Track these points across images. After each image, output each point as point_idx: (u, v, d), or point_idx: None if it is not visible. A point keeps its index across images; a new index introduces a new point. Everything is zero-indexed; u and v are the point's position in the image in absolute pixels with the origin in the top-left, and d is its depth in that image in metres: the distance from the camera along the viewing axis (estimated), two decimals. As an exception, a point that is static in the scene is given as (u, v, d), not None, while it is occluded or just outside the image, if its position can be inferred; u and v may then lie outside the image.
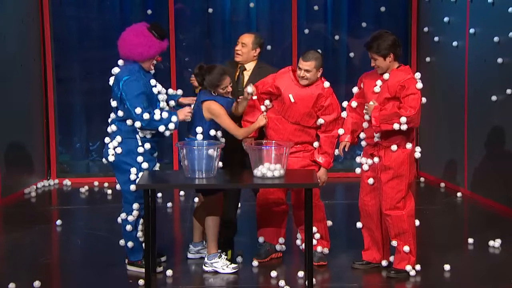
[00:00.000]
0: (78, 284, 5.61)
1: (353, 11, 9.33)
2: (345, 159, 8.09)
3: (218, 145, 5.45)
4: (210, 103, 5.63)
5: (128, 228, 5.69)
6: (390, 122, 5.39)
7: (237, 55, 6.07)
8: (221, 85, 5.66)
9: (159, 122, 5.53)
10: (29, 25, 8.61)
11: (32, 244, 6.54)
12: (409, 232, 5.58)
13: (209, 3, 9.25)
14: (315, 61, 5.67)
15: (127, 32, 5.66)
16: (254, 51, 6.06)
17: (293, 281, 5.53)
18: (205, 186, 5.51)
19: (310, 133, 5.84)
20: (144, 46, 5.59)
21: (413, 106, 5.39)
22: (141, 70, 5.63)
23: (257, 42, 6.07)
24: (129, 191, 5.64)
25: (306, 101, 5.73)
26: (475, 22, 7.95)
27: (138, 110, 5.49)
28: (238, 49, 6.06)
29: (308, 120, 5.79)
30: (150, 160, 5.69)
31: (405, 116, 5.36)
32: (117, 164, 5.64)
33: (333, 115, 5.77)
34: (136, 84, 5.55)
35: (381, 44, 5.44)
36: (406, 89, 5.42)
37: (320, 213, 5.91)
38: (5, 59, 7.95)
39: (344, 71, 9.40)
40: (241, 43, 6.06)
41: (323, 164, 5.81)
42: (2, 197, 7.88)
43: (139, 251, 5.73)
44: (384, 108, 5.43)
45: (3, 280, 5.47)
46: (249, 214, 7.08)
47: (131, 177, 5.61)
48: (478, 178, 7.98)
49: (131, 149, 5.62)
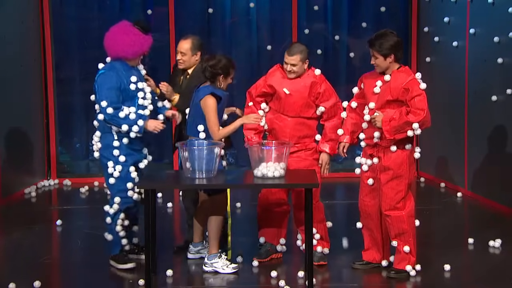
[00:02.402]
0: (78, 284, 5.62)
1: (353, 11, 9.33)
2: (345, 159, 8.08)
3: (219, 145, 5.45)
4: (207, 97, 5.64)
5: (107, 221, 5.78)
6: (403, 131, 5.39)
7: (179, 64, 6.09)
8: (232, 73, 5.71)
9: (123, 120, 5.57)
10: (29, 25, 8.62)
11: (32, 244, 6.54)
12: (409, 232, 5.58)
13: (210, 3, 9.26)
14: (300, 55, 5.71)
15: (115, 33, 5.68)
16: (195, 56, 6.05)
17: (293, 281, 5.53)
18: (205, 186, 5.52)
19: (311, 126, 5.85)
20: (137, 43, 5.64)
21: (421, 108, 5.37)
22: (122, 66, 5.67)
23: (196, 47, 6.05)
24: (110, 184, 5.73)
25: (301, 92, 5.75)
26: (475, 22, 7.95)
27: (104, 103, 5.56)
28: (179, 58, 6.07)
29: (308, 111, 5.80)
30: (129, 154, 5.71)
31: (417, 122, 5.36)
32: (99, 158, 5.77)
33: (332, 100, 5.79)
34: (110, 78, 5.61)
35: (383, 43, 5.44)
36: (411, 92, 5.40)
37: (320, 214, 5.92)
38: (5, 59, 7.95)
39: (344, 71, 9.40)
40: (180, 52, 6.05)
41: (329, 150, 5.82)
42: (3, 197, 7.89)
43: (117, 245, 5.80)
44: (393, 119, 5.41)
45: (3, 280, 5.48)
46: (250, 214, 7.08)
47: (109, 171, 5.69)
48: (478, 178, 7.98)
49: (108, 143, 5.70)
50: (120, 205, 5.73)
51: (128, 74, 5.68)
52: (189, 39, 6.07)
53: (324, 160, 5.84)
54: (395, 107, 5.46)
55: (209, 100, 5.64)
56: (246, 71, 9.19)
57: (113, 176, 5.69)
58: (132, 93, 5.67)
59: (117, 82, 5.61)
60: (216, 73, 5.68)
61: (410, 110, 5.40)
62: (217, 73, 5.68)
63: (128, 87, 5.65)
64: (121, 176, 5.71)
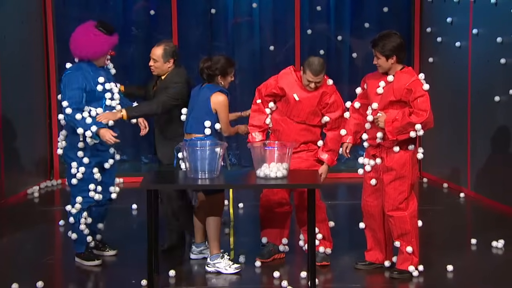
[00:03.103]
0: (81, 284, 5.61)
1: (356, 11, 9.33)
2: (347, 159, 8.08)
3: (222, 145, 5.45)
4: (218, 93, 5.67)
5: (70, 220, 5.83)
6: (405, 132, 5.39)
7: (151, 70, 6.04)
8: (230, 72, 5.73)
9: (78, 123, 5.58)
10: (32, 26, 8.63)
11: (35, 244, 6.55)
12: (411, 232, 5.57)
13: (212, 3, 9.26)
14: (323, 72, 5.68)
15: (77, 34, 5.71)
16: (167, 63, 5.97)
17: (296, 281, 5.52)
18: (208, 186, 5.51)
19: (315, 132, 5.85)
20: (97, 44, 5.65)
21: (424, 109, 5.36)
22: (90, 67, 5.69)
23: (168, 54, 5.95)
24: (71, 184, 5.77)
25: (311, 100, 5.74)
26: (478, 23, 7.94)
27: (64, 103, 5.60)
28: (151, 64, 6.00)
29: (314, 119, 5.80)
30: (93, 155, 5.74)
31: (419, 123, 5.36)
32: (63, 157, 5.83)
33: (338, 112, 5.78)
34: (75, 78, 5.63)
35: (386, 44, 5.43)
36: (414, 93, 5.39)
37: (322, 214, 5.91)
38: (7, 59, 7.95)
39: (347, 71, 9.39)
40: (152, 59, 5.99)
41: (327, 161, 5.81)
42: (5, 197, 7.90)
43: (82, 243, 5.85)
44: (396, 119, 5.41)
45: (7, 280, 5.48)
46: (252, 214, 7.08)
47: (72, 171, 5.72)
48: (481, 179, 7.97)
49: (73, 143, 5.72)
50: (82, 205, 5.78)
51: (95, 75, 5.69)
52: (161, 45, 5.98)
53: (322, 176, 5.81)
54: (398, 108, 5.45)
55: (220, 96, 5.68)
56: (249, 72, 9.20)
57: (76, 177, 5.72)
58: (99, 94, 5.68)
59: (82, 83, 5.63)
60: (214, 74, 5.70)
61: (413, 111, 5.39)
62: (214, 74, 5.69)
63: (95, 88, 5.66)
64: (84, 178, 5.74)
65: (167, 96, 5.82)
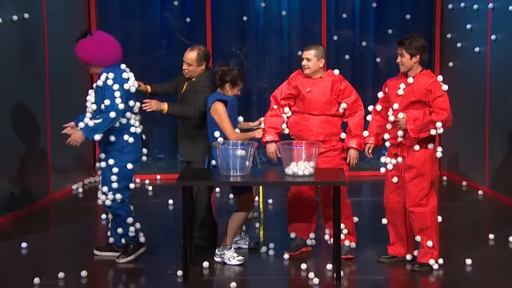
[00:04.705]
0: (122, 275, 5.68)
1: (379, 18, 9.30)
2: (371, 159, 8.06)
3: (252, 145, 5.49)
4: (215, 104, 5.66)
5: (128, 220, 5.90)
6: (426, 130, 5.39)
7: (185, 73, 5.99)
8: (239, 84, 5.71)
9: None
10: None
11: (80, 236, 6.65)
12: (432, 227, 5.57)
13: (244, 11, 9.30)
14: (315, 50, 5.73)
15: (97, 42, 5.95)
16: (200, 66, 5.95)
17: (322, 273, 5.54)
18: (239, 183, 5.55)
19: (336, 124, 5.84)
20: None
21: (444, 108, 5.37)
22: None
23: (201, 58, 5.93)
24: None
25: (324, 89, 5.77)
26: (497, 29, 7.88)
27: None
28: (185, 68, 5.97)
29: (331, 108, 5.80)
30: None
31: (440, 121, 5.35)
32: None
33: (353, 97, 5.80)
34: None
35: (413, 42, 5.46)
36: (433, 93, 5.40)
37: (347, 210, 5.92)
38: (55, 65, 8.07)
39: (370, 76, 9.37)
40: (186, 63, 5.96)
41: (357, 146, 5.80)
42: (53, 193, 8.03)
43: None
44: (417, 118, 5.41)
45: (54, 269, 5.58)
46: (280, 209, 7.10)
47: None
48: (499, 177, 7.91)
49: None
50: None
51: None
52: (195, 50, 5.95)
53: (352, 156, 5.82)
54: (418, 108, 5.45)
55: (217, 105, 5.65)
56: (278, 75, 9.19)
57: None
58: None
59: None
60: (225, 80, 5.68)
61: (433, 110, 5.40)
62: (225, 80, 5.68)
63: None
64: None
65: (202, 101, 5.82)
